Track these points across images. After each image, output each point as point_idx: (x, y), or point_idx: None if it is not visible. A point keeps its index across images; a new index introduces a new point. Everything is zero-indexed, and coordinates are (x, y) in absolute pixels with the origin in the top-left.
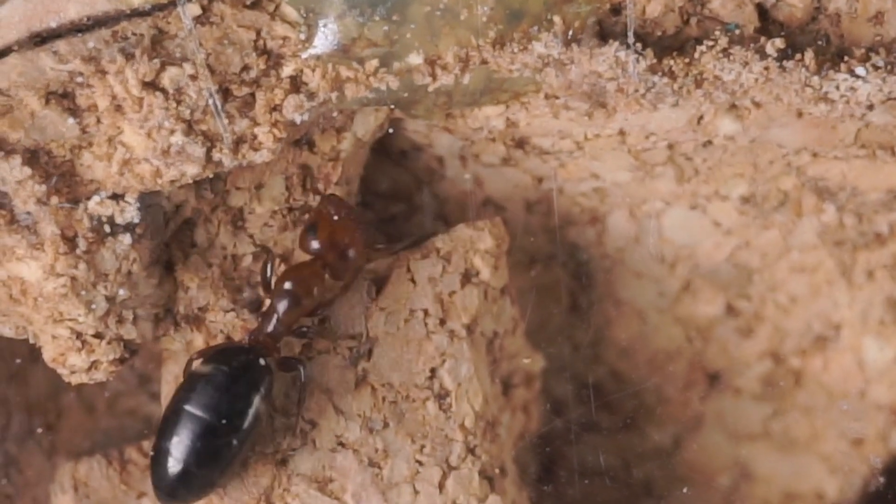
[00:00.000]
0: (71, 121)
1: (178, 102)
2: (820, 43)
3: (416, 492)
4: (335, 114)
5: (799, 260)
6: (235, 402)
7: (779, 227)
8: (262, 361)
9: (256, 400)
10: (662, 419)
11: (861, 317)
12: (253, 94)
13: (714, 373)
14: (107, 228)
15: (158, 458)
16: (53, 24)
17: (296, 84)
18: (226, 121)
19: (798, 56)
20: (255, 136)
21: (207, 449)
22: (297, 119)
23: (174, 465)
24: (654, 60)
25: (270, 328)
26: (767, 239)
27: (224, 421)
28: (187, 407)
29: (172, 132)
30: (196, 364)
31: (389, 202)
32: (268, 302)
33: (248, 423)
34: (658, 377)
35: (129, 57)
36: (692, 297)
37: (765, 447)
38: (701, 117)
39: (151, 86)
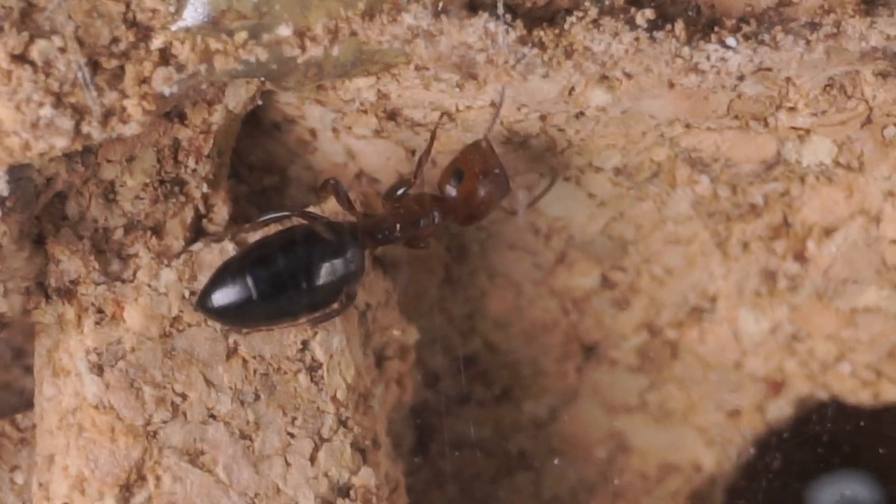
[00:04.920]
0: None
1: (47, 75)
2: (690, 13)
3: (288, 464)
4: (205, 86)
5: (674, 231)
6: (324, 269)
7: (653, 198)
8: (362, 254)
9: (342, 278)
10: (538, 391)
11: (736, 288)
12: (122, 67)
13: (590, 345)
14: None
15: (232, 274)
16: None
17: (165, 56)
18: (95, 93)
19: (668, 26)
20: (124, 109)
21: (280, 292)
22: (167, 91)
23: (243, 287)
24: (524, 31)
25: (376, 233)
26: (642, 210)
27: (307, 278)
28: (280, 251)
29: (41, 105)
30: (313, 220)
31: (262, 174)
32: (384, 209)
33: (323, 292)
34: (533, 349)
35: None
36: (567, 269)
37: (641, 419)
38: (572, 88)
39: (20, 59)
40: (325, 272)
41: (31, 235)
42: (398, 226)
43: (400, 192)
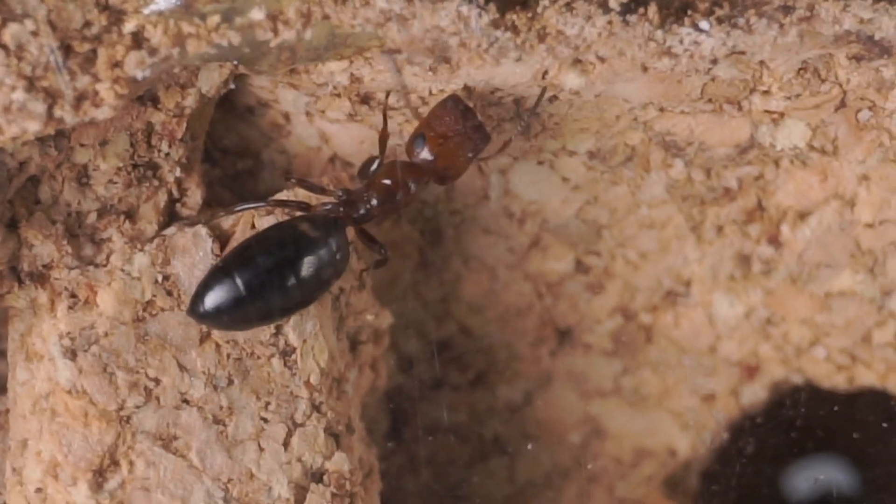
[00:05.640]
0: None
1: (20, 59)
2: None
3: (262, 449)
4: (178, 70)
5: (648, 215)
6: (312, 265)
7: (627, 182)
8: (347, 243)
9: (330, 271)
10: (512, 375)
11: (711, 272)
12: (95, 51)
13: (564, 329)
14: None
15: (221, 277)
16: None
17: (137, 40)
18: (67, 77)
19: (641, 10)
20: (96, 93)
21: (270, 287)
22: (139, 75)
23: (233, 288)
24: (497, 15)
25: (357, 210)
26: (616, 194)
27: (295, 275)
28: (266, 252)
29: (14, 89)
30: (296, 218)
31: (236, 158)
32: (364, 186)
33: (312, 287)
34: (508, 333)
35: None
36: (542, 254)
37: (616, 404)
38: (545, 72)
39: None
40: (313, 268)
41: (3, 219)
42: (376, 199)
43: (372, 167)
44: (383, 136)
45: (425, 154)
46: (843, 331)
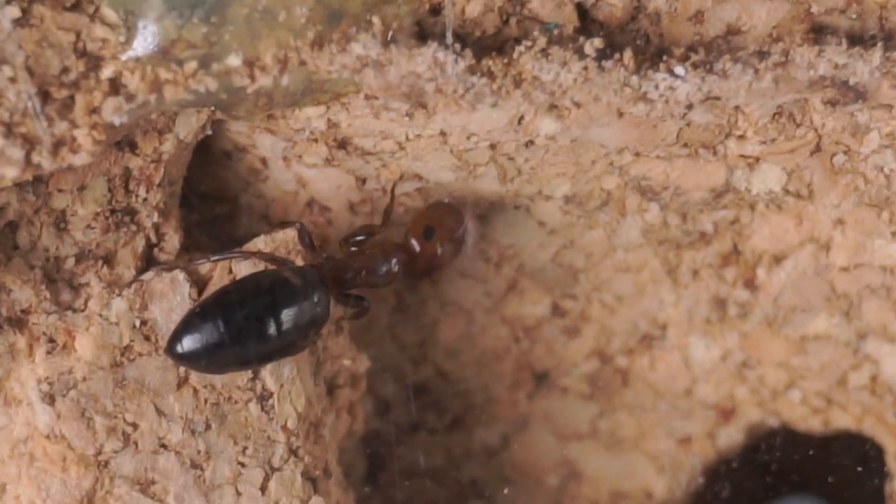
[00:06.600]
0: None
1: None
2: (639, 42)
3: (239, 493)
4: (155, 116)
5: (624, 259)
6: (292, 314)
7: (603, 226)
8: (328, 298)
9: (310, 322)
10: (489, 419)
11: (687, 316)
12: (72, 97)
13: (541, 372)
14: None
15: (201, 320)
16: None
17: (115, 86)
18: (45, 123)
19: (617, 56)
20: (74, 139)
21: (249, 332)
22: (117, 121)
23: (213, 332)
24: (473, 61)
25: (340, 277)
26: (592, 238)
27: (275, 322)
28: (249, 296)
29: None
30: (281, 268)
31: (214, 203)
32: (345, 253)
33: (291, 336)
34: (485, 377)
35: None
36: (518, 297)
37: (592, 446)
38: (521, 117)
39: None
40: (295, 317)
41: None
42: (363, 271)
43: (361, 237)
44: (388, 210)
45: (429, 247)
46: (819, 374)
